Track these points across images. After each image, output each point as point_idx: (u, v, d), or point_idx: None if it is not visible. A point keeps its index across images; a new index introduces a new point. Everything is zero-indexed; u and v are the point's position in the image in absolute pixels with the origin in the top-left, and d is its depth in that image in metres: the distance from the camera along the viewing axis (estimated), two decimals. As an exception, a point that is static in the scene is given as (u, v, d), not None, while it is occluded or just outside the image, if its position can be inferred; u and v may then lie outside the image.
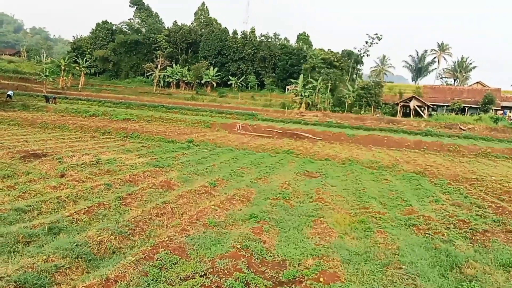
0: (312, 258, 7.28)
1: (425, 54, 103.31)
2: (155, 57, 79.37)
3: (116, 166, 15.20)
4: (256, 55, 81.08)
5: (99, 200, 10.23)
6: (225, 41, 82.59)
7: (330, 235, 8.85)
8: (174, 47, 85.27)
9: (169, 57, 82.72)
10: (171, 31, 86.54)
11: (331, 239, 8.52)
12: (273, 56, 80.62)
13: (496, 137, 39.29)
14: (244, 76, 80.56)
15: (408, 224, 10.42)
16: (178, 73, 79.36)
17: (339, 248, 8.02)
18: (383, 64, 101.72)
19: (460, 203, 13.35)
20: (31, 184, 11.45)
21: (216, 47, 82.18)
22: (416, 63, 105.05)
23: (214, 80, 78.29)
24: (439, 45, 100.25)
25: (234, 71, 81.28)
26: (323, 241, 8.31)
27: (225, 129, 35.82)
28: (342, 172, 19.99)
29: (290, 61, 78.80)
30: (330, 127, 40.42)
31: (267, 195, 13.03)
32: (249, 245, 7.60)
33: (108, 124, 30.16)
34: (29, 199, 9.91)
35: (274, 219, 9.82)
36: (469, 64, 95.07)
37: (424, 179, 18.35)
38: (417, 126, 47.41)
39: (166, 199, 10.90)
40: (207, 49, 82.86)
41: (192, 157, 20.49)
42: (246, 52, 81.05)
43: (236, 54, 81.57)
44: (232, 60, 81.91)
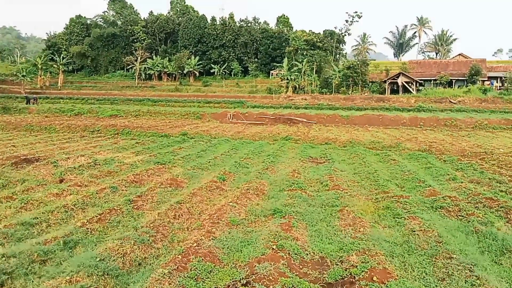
0: (355, 253, 6.75)
1: (405, 29, 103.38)
2: (135, 50, 77.10)
3: (116, 166, 14.40)
4: (237, 41, 79.51)
5: (109, 206, 9.52)
6: (204, 28, 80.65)
7: (362, 225, 8.34)
8: (153, 38, 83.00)
9: (148, 49, 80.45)
10: (148, 22, 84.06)
11: (365, 230, 8.01)
12: (255, 41, 79.20)
13: (487, 108, 39.48)
14: (227, 63, 79.17)
15: (435, 206, 9.99)
16: (159, 65, 77.40)
17: (377, 239, 7.53)
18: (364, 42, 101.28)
19: (479, 180, 13.05)
20: (30, 192, 10.65)
21: (196, 35, 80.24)
22: (397, 39, 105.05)
23: (196, 69, 76.71)
24: (418, 19, 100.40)
25: (216, 59, 79.65)
26: (358, 233, 7.80)
27: (216, 119, 35.04)
28: (346, 155, 19.55)
29: (272, 45, 77.58)
30: (322, 109, 40.01)
31: (280, 186, 12.49)
32: (284, 244, 7.03)
33: (96, 122, 29.03)
34: (33, 210, 9.14)
35: (298, 212, 9.27)
36: (449, 37, 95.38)
37: (431, 156, 18.02)
38: (407, 102, 47.37)
39: (179, 199, 10.24)
40: (187, 38, 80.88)
41: (191, 150, 19.77)
42: (226, 38, 79.36)
43: (216, 41, 79.81)
44: (213, 48, 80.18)
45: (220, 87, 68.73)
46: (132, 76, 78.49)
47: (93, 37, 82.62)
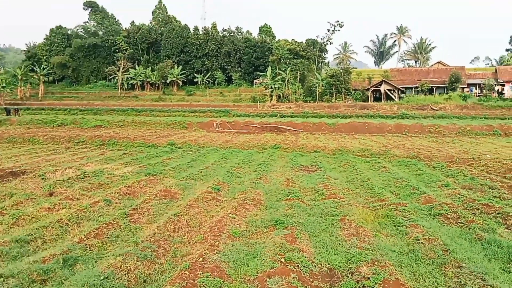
0: (365, 264, 6.68)
1: (385, 38, 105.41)
2: (117, 60, 76.40)
3: (106, 178, 14.04)
4: (220, 50, 79.69)
5: (105, 220, 9.23)
6: (186, 38, 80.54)
7: (366, 234, 8.28)
8: (135, 48, 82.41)
9: (130, 59, 79.88)
10: (130, 32, 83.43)
11: (369, 240, 7.96)
12: (238, 50, 79.50)
13: (468, 114, 40.44)
14: (210, 72, 79.13)
15: (433, 213, 10.05)
16: (141, 74, 76.71)
17: (383, 249, 7.48)
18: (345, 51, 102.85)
19: (471, 186, 13.24)
20: (20, 207, 10.26)
21: (178, 45, 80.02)
22: (378, 48, 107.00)
23: (180, 78, 76.31)
24: (398, 28, 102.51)
25: (199, 68, 79.54)
26: (363, 243, 7.74)
27: (202, 128, 34.79)
28: (336, 163, 19.62)
29: (255, 54, 78.02)
30: (308, 117, 40.24)
31: (276, 195, 12.38)
32: (292, 256, 6.90)
33: (80, 132, 28.41)
34: (26, 226, 8.79)
35: (300, 222, 9.15)
36: (428, 45, 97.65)
37: (420, 163, 18.25)
38: (390, 109, 48.12)
39: (176, 211, 10.01)
40: (169, 47, 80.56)
41: (180, 160, 19.51)
42: (209, 48, 79.45)
43: (199, 50, 79.80)
44: (196, 57, 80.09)
45: (204, 96, 68.53)
46: (115, 86, 77.58)
47: (74, 47, 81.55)
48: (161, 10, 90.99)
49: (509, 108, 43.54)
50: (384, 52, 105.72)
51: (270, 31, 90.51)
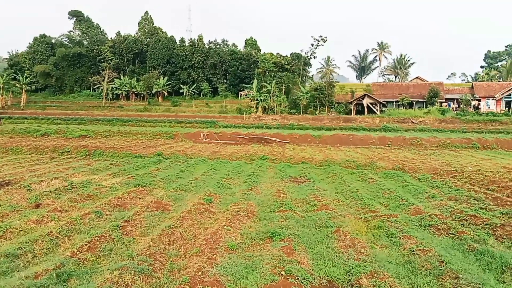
0: (364, 276, 6.74)
1: (367, 53, 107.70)
2: (102, 69, 75.82)
3: (95, 189, 13.80)
4: (206, 62, 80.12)
5: (97, 232, 9.04)
6: (173, 49, 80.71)
7: (361, 246, 8.36)
8: (120, 58, 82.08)
9: (116, 69, 79.40)
10: (116, 42, 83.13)
11: (366, 251, 8.04)
12: (223, 62, 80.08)
13: (447, 128, 41.55)
14: (196, 83, 79.31)
15: (424, 224, 10.25)
16: (127, 85, 76.28)
17: (380, 260, 7.57)
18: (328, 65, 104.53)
19: (456, 197, 13.56)
20: (6, 219, 9.95)
21: (164, 56, 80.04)
22: (360, 62, 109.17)
23: (165, 89, 76.15)
24: (379, 44, 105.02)
25: (185, 79, 79.65)
26: (360, 255, 7.81)
27: (189, 139, 34.63)
28: (324, 174, 19.81)
29: (241, 67, 78.68)
30: (293, 129, 40.56)
31: (268, 207, 12.40)
32: (292, 269, 6.91)
33: (65, 142, 27.86)
34: (14, 239, 8.54)
35: (295, 234, 9.17)
36: (407, 61, 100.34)
37: (406, 175, 18.60)
38: (373, 122, 49.03)
39: (169, 223, 9.91)
40: (155, 58, 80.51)
41: (169, 171, 19.36)
42: (195, 59, 79.79)
43: (185, 62, 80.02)
44: (182, 68, 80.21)
45: (190, 107, 68.43)
46: (99, 96, 76.89)
47: (58, 56, 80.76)
48: (147, 21, 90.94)
49: (485, 122, 44.98)
50: (366, 67, 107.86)
51: (256, 44, 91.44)
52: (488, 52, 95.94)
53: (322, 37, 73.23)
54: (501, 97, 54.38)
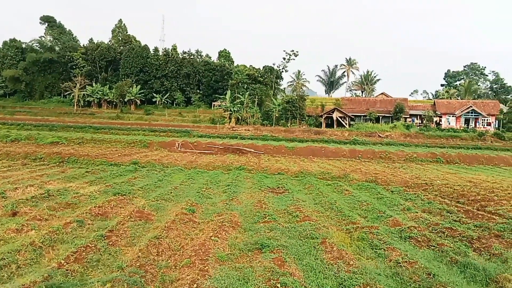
0: None
1: (335, 69, 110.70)
2: (74, 76, 74.15)
3: (74, 198, 13.42)
4: (180, 72, 79.98)
5: (81, 242, 8.82)
6: (146, 58, 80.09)
7: (349, 258, 8.61)
8: (93, 65, 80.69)
9: (88, 76, 77.95)
10: (88, 49, 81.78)
11: (354, 263, 8.30)
12: (197, 73, 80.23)
13: (412, 142, 43.31)
14: (169, 93, 78.82)
15: (404, 236, 10.66)
16: (99, 92, 74.89)
17: (369, 272, 7.82)
18: (298, 79, 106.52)
19: (430, 210, 14.18)
20: (-18, 229, 9.52)
21: (138, 64, 79.18)
22: (329, 77, 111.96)
23: (138, 97, 75.22)
24: (347, 60, 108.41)
25: (158, 88, 79.07)
26: (350, 267, 8.04)
27: (164, 148, 34.22)
28: (301, 185, 20.14)
29: (214, 77, 79.08)
30: (267, 140, 40.92)
31: (252, 217, 12.50)
32: (286, 281, 7.04)
33: (37, 149, 26.90)
34: None
35: (283, 245, 9.31)
36: (374, 77, 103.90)
37: (379, 187, 19.21)
38: (342, 135, 50.34)
39: (155, 234, 9.80)
40: (128, 66, 79.48)
41: (147, 180, 19.10)
42: (169, 69, 79.50)
43: (159, 71, 79.52)
44: (155, 77, 79.60)
45: (163, 116, 67.84)
46: (70, 103, 75.25)
47: (29, 61, 78.80)
48: (121, 29, 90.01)
49: (446, 138, 47.34)
50: (334, 82, 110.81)
51: (229, 56, 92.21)
52: (448, 71, 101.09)
53: (294, 51, 74.95)
54: (461, 114, 57.35)
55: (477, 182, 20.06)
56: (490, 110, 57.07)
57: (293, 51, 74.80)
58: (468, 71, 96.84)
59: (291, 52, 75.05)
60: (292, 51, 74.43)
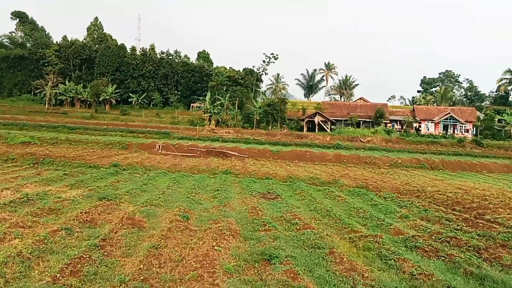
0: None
1: (314, 73, 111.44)
2: (46, 74, 71.24)
3: (56, 203, 12.44)
4: (158, 72, 78.30)
5: (73, 253, 8.03)
6: (123, 57, 77.99)
7: (362, 269, 8.18)
8: (66, 63, 77.86)
9: (61, 74, 75.07)
10: (62, 46, 78.96)
11: (369, 275, 7.86)
12: (175, 73, 78.88)
13: (394, 147, 43.75)
14: (146, 93, 76.96)
15: (409, 246, 10.32)
16: (72, 91, 72.26)
17: (387, 286, 7.41)
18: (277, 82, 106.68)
19: (428, 217, 13.97)
20: (-42, 238, 8.55)
21: (114, 63, 76.98)
22: (308, 81, 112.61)
23: (113, 97, 73.04)
24: (326, 64, 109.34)
25: (135, 88, 77.00)
26: (366, 279, 7.60)
27: (144, 150, 33.11)
28: (291, 191, 19.69)
29: (193, 78, 77.94)
30: (250, 143, 40.40)
31: (250, 225, 11.93)
32: (305, 295, 6.52)
33: (8, 149, 25.40)
34: None
35: (291, 256, 8.79)
36: (352, 82, 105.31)
37: (371, 193, 18.93)
38: (323, 139, 50.31)
39: (152, 243, 9.11)
40: (104, 65, 77.12)
41: (131, 184, 18.20)
42: (146, 69, 77.67)
43: (136, 71, 77.57)
44: (132, 77, 77.56)
45: (140, 117, 66.03)
46: (41, 101, 72.27)
47: (-3, 57, 75.19)
48: (97, 27, 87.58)
49: (427, 143, 48.12)
50: (313, 86, 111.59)
51: (208, 57, 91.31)
52: (424, 78, 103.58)
53: (274, 54, 75.04)
54: (439, 121, 58.63)
55: (467, 189, 20.15)
56: (467, 117, 58.61)
57: (273, 54, 74.94)
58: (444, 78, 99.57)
59: (270, 55, 75.19)
60: (272, 54, 74.58)
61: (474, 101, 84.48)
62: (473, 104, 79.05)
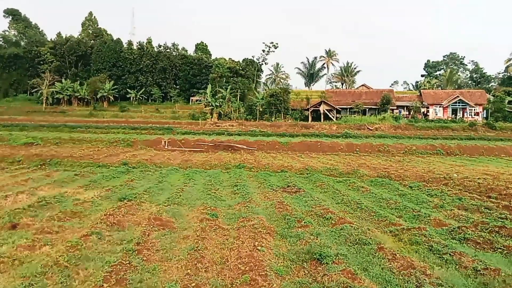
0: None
1: (315, 60, 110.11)
2: (42, 72, 70.03)
3: (76, 205, 11.79)
4: (155, 66, 76.88)
5: (111, 259, 7.44)
6: (120, 52, 76.47)
7: (421, 266, 7.51)
8: (62, 61, 76.40)
9: (57, 72, 73.77)
10: (57, 44, 77.46)
11: (431, 272, 7.21)
12: (174, 67, 77.43)
13: (404, 134, 42.97)
14: (144, 88, 75.74)
15: (458, 238, 9.68)
16: (69, 89, 70.96)
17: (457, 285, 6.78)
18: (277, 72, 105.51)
19: (465, 206, 13.32)
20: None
21: (111, 59, 75.56)
22: (308, 69, 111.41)
23: (111, 94, 71.87)
24: (326, 52, 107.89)
25: (133, 84, 75.71)
26: (429, 277, 6.95)
27: (149, 146, 32.39)
28: (310, 183, 19.02)
29: (192, 71, 76.53)
30: (256, 136, 39.69)
31: (282, 221, 11.30)
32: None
33: (11, 150, 24.64)
34: (12, 271, 6.82)
35: (341, 254, 8.11)
36: (354, 69, 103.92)
37: (394, 183, 18.27)
38: (330, 129, 49.55)
39: (190, 245, 8.53)
40: (100, 61, 75.70)
41: (145, 182, 17.54)
42: (144, 63, 76.17)
43: (133, 66, 76.10)
44: (130, 72, 76.16)
45: (139, 113, 65.03)
46: (38, 100, 71.09)
47: (-9, 57, 73.84)
48: (92, 23, 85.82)
49: (437, 128, 47.32)
50: (314, 74, 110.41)
51: (206, 49, 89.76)
52: (427, 62, 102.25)
53: (273, 43, 73.91)
54: (448, 105, 57.68)
55: (494, 174, 19.48)
56: (477, 99, 57.60)
57: (273, 43, 73.80)
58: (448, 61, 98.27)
59: (270, 44, 74.08)
60: (272, 43, 73.47)
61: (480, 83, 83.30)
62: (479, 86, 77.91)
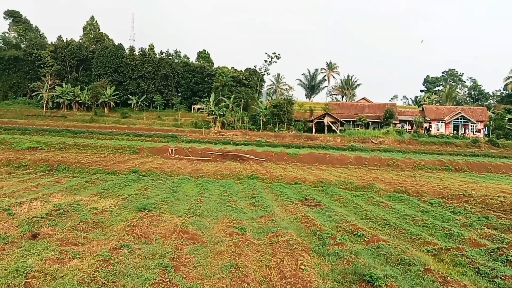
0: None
1: (316, 72, 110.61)
2: (42, 75, 69.47)
3: (95, 215, 11.28)
4: (157, 73, 76.69)
5: (149, 276, 6.97)
6: (121, 58, 76.17)
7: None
8: (62, 64, 75.96)
9: (57, 75, 73.29)
10: (58, 47, 77.07)
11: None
12: (176, 74, 77.27)
13: (408, 148, 42.82)
14: (146, 95, 75.38)
15: (501, 260, 9.29)
16: (69, 93, 70.40)
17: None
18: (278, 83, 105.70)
19: (493, 225, 12.97)
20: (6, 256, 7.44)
21: (112, 64, 75.23)
22: (309, 81, 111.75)
23: (112, 99, 71.44)
24: (327, 64, 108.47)
25: (134, 90, 75.38)
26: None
27: (156, 154, 31.92)
28: (327, 197, 18.62)
29: (194, 79, 76.35)
30: (263, 146, 39.31)
31: (313, 237, 10.86)
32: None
33: (15, 154, 24.07)
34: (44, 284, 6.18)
35: (391, 276, 7.70)
36: (354, 82, 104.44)
37: (413, 199, 17.90)
38: (334, 141, 49.39)
39: (227, 262, 8.05)
40: (102, 66, 75.33)
41: (160, 192, 17.07)
42: (146, 70, 75.97)
43: (135, 72, 75.84)
44: (131, 78, 75.87)
45: (141, 120, 64.65)
46: (37, 104, 70.50)
47: (-9, 59, 73.21)
48: (93, 27, 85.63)
49: (440, 144, 47.26)
50: (315, 86, 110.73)
51: (209, 57, 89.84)
52: (427, 77, 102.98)
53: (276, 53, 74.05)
54: (450, 120, 57.82)
55: (510, 192, 19.19)
56: (478, 116, 57.83)
57: (275, 53, 73.90)
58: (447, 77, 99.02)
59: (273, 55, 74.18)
60: (274, 53, 73.55)
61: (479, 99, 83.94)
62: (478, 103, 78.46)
